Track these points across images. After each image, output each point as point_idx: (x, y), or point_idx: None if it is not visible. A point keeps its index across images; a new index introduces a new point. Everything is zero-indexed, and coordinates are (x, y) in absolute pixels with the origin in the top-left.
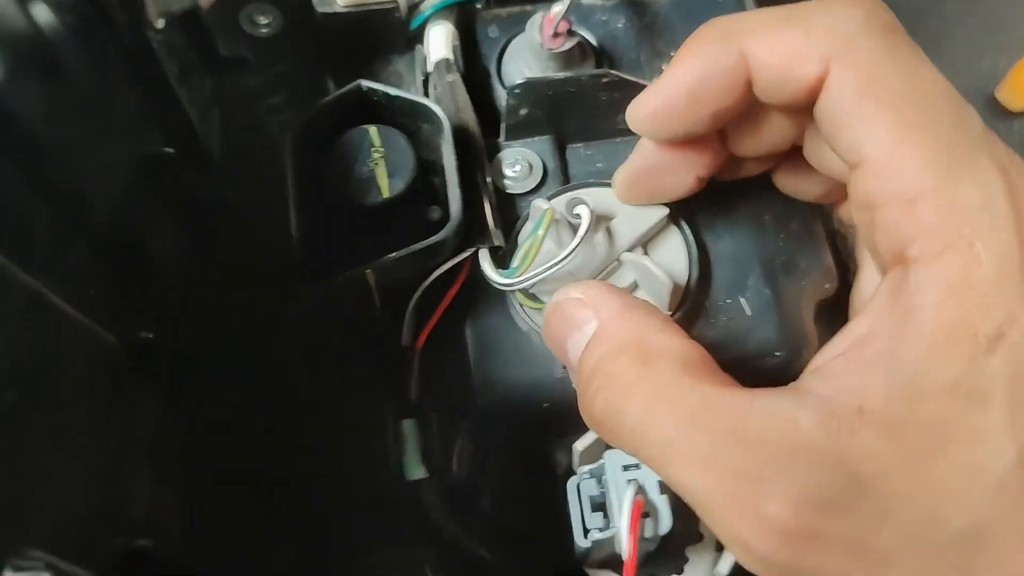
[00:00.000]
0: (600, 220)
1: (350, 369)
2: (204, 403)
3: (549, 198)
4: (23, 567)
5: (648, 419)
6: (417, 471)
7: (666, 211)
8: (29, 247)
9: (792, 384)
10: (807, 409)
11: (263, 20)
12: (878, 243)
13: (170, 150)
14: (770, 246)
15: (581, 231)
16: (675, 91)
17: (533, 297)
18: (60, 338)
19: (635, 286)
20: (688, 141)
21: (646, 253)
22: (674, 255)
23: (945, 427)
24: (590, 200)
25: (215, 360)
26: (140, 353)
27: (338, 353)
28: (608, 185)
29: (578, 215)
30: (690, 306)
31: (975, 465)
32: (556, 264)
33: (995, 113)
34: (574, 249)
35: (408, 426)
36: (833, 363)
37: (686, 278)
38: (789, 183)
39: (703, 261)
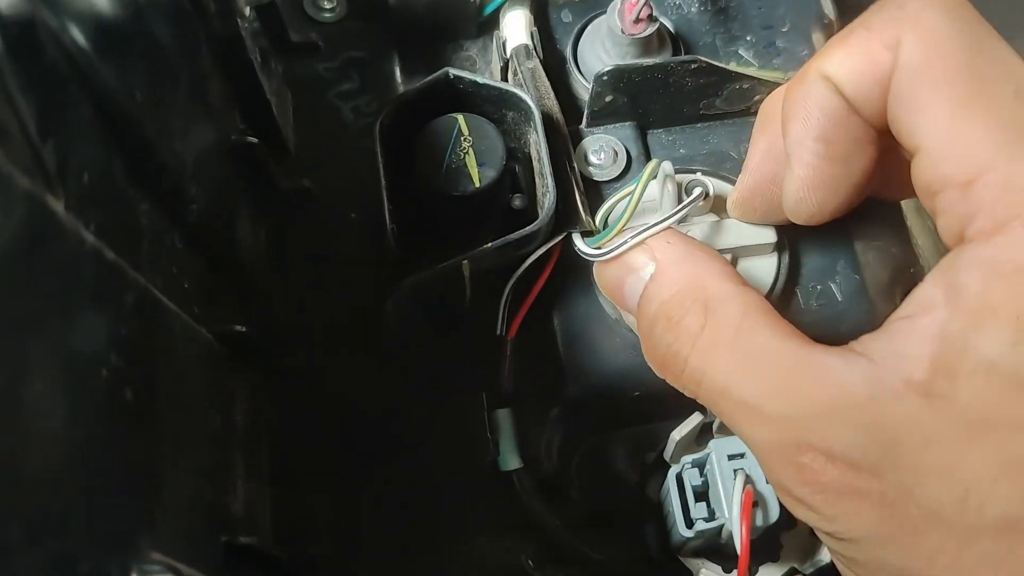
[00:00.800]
0: (716, 207)
1: (441, 358)
2: (293, 394)
3: None
4: (148, 571)
5: (706, 366)
6: (512, 461)
7: (774, 239)
8: (137, 242)
9: (851, 343)
10: (856, 370)
11: (327, 5)
12: (940, 230)
13: (254, 139)
14: (857, 231)
15: (687, 200)
16: (809, 155)
17: None
18: (164, 335)
19: None
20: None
21: (736, 259)
22: (764, 260)
23: (985, 411)
24: (711, 186)
25: (304, 351)
26: (233, 346)
27: (429, 342)
28: (731, 181)
29: (691, 193)
30: (780, 296)
31: (1014, 458)
32: (647, 230)
33: None
34: (669, 218)
35: (503, 416)
36: (894, 325)
37: (771, 284)
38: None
39: (792, 248)
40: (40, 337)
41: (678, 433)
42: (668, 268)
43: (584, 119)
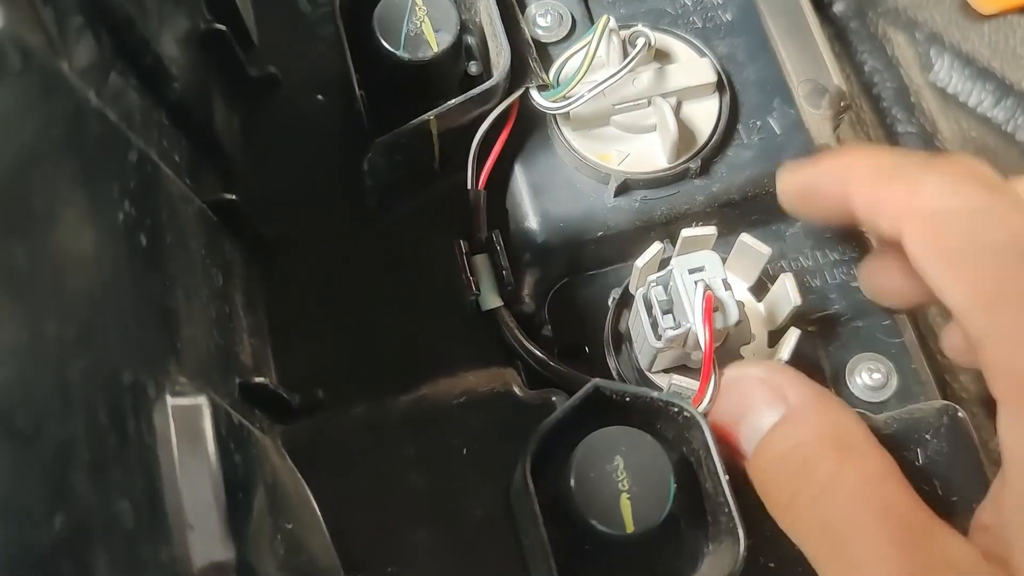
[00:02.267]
0: (657, 57)
1: (419, 213)
2: (283, 258)
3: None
4: (180, 392)
5: (833, 514)
6: (493, 301)
7: (714, 78)
8: (131, 113)
9: (972, 526)
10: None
11: None
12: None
13: (222, 27)
14: (788, 70)
15: (632, 53)
16: (791, 187)
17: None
18: (164, 194)
19: (653, 128)
20: None
21: (680, 103)
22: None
23: None
24: (652, 37)
25: (289, 218)
26: (224, 214)
27: (407, 199)
28: (676, 35)
29: (635, 45)
30: (723, 132)
31: None
32: (603, 83)
33: (966, 16)
34: (622, 69)
35: (481, 260)
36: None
37: (714, 122)
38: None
39: (731, 87)
40: (62, 173)
41: (641, 261)
42: (802, 409)
43: None
